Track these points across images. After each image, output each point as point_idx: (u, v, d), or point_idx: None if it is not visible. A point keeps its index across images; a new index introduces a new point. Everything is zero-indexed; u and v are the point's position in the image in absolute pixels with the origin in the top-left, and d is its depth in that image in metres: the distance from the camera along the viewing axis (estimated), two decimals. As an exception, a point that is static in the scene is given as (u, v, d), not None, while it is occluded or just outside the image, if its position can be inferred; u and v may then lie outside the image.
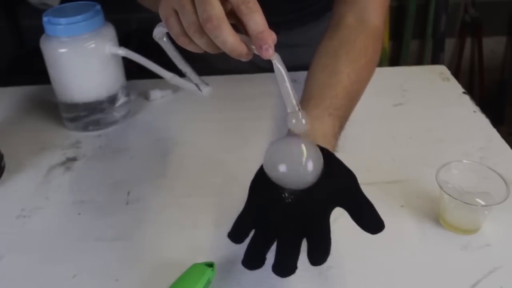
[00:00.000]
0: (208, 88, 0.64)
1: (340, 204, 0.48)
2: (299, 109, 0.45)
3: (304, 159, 0.47)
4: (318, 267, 0.51)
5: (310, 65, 0.68)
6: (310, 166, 0.47)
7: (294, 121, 0.46)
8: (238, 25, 0.44)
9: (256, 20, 0.42)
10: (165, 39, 0.54)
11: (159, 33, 0.52)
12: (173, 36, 0.46)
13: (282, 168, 0.47)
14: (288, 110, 0.46)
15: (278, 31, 1.04)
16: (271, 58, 0.43)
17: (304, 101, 0.62)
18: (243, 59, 0.45)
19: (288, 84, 0.44)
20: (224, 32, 0.42)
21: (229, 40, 0.42)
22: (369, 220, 0.47)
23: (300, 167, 0.47)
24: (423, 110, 0.79)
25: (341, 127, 0.61)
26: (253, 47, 0.43)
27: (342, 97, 0.62)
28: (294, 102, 0.45)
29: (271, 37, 0.42)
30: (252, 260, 0.47)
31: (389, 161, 0.67)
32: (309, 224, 0.47)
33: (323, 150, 0.49)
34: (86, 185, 0.66)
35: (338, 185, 0.48)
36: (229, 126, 0.76)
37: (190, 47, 0.46)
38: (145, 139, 0.75)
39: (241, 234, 0.49)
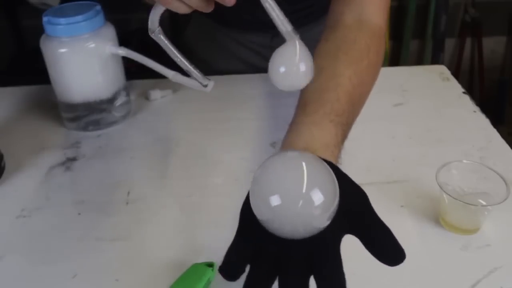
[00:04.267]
0: (211, 83, 0.63)
1: (351, 230, 0.42)
2: (294, 32, 0.42)
3: (305, 187, 0.35)
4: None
5: None
6: (318, 197, 0.35)
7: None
8: None
9: None
10: (161, 36, 0.53)
11: (153, 26, 0.50)
12: (164, 2, 0.43)
13: (275, 201, 0.35)
14: (286, 28, 0.43)
15: (277, 33, 1.03)
16: None
17: (300, 108, 0.54)
18: (227, 3, 0.42)
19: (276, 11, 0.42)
20: None
21: None
22: (386, 248, 0.41)
23: (301, 203, 0.35)
24: (423, 110, 0.79)
25: (344, 136, 0.53)
26: None
27: (345, 102, 0.54)
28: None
29: None
30: None
31: (389, 161, 0.67)
32: (316, 257, 0.40)
33: (330, 166, 0.41)
34: (86, 185, 0.66)
35: (347, 208, 0.41)
36: (229, 126, 0.76)
37: (181, 8, 0.43)
38: (145, 139, 0.75)
39: (235, 268, 0.42)
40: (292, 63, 0.41)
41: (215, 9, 0.44)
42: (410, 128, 0.74)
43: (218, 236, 0.55)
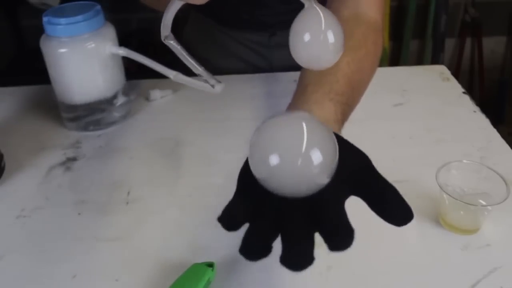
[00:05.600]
0: (221, 85, 0.62)
1: (355, 190, 0.40)
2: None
3: (305, 146, 0.34)
4: (318, 267, 0.51)
5: None
6: (317, 156, 0.34)
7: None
8: None
9: None
10: (172, 41, 0.53)
11: (166, 31, 0.50)
12: None
13: (274, 160, 0.34)
14: None
15: (275, 32, 1.04)
16: None
17: (300, 89, 0.56)
18: None
19: None
20: None
21: None
22: (393, 207, 0.38)
23: (300, 157, 0.34)
24: (423, 110, 0.79)
25: (344, 115, 0.54)
26: None
27: (343, 83, 0.55)
28: None
29: None
30: (253, 247, 0.38)
31: (389, 161, 0.67)
32: (319, 212, 0.38)
33: None
34: (86, 185, 0.65)
35: (350, 171, 0.40)
36: (229, 126, 0.76)
37: None
38: (145, 139, 0.75)
39: (235, 219, 0.40)
40: (317, 29, 0.37)
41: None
42: (410, 128, 0.74)
43: (218, 236, 0.55)
